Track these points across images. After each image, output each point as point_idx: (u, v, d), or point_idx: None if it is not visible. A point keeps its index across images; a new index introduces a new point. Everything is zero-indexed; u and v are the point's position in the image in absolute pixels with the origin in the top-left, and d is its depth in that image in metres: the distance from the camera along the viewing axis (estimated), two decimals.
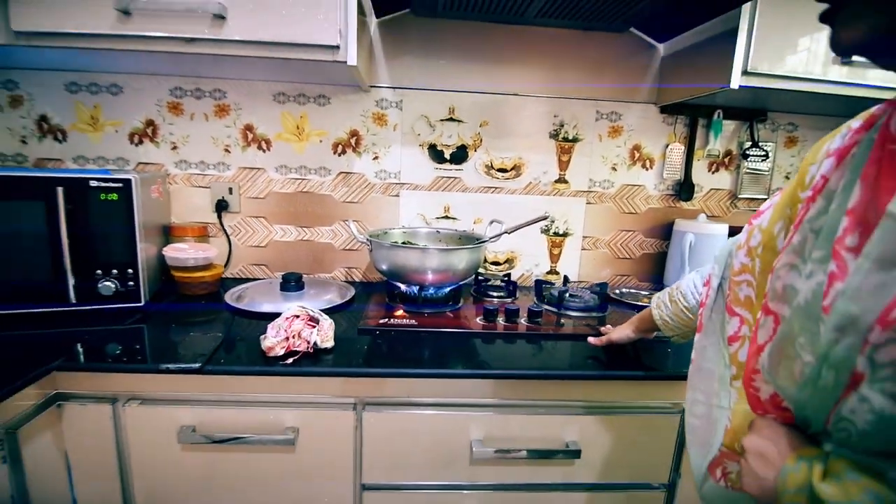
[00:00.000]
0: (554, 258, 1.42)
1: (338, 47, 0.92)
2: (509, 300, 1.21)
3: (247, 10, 0.90)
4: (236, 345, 0.88)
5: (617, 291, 1.33)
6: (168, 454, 0.83)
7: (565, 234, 1.40)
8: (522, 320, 1.06)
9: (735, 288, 0.53)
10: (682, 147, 1.35)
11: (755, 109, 1.34)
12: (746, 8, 0.98)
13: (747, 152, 1.34)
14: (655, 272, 1.43)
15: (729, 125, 1.36)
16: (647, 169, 1.37)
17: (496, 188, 1.36)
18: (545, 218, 1.10)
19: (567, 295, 1.18)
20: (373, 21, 1.21)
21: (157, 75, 1.21)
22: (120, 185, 0.92)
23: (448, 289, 1.15)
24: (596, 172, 1.37)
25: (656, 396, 0.89)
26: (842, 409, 0.33)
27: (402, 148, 1.30)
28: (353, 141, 1.28)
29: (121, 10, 0.88)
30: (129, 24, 0.90)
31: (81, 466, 0.83)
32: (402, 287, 1.13)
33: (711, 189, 1.40)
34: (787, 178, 1.41)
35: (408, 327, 0.99)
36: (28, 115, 1.23)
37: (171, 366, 0.76)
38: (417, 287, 1.11)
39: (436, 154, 1.31)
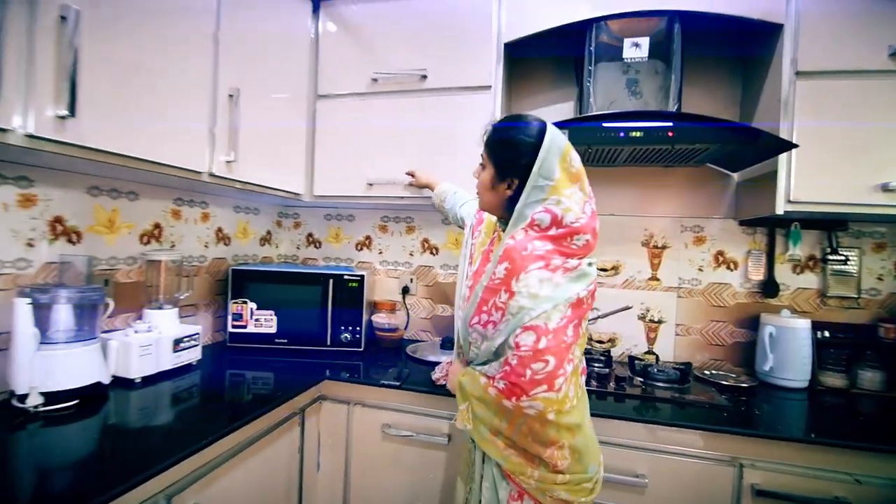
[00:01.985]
0: (650, 341, 1.73)
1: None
2: (606, 370, 1.57)
3: None
4: (416, 376, 1.42)
5: (706, 372, 1.58)
6: (373, 441, 1.37)
7: (660, 322, 1.72)
8: (611, 384, 1.42)
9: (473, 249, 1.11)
10: (763, 252, 1.61)
11: (835, 220, 1.55)
12: (785, 154, 1.32)
13: (827, 258, 1.55)
14: (748, 359, 1.63)
15: (811, 232, 1.59)
16: (731, 270, 1.66)
17: (599, 283, 1.77)
18: (628, 308, 1.49)
19: (654, 369, 1.50)
20: None
21: (376, 209, 1.96)
22: (359, 277, 1.60)
23: None
24: (684, 272, 1.70)
25: (713, 448, 1.16)
26: (473, 349, 0.90)
27: None
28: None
29: (369, 183, 1.61)
30: (371, 190, 1.62)
31: (326, 442, 1.42)
32: None
33: (798, 288, 1.61)
34: (879, 279, 1.55)
35: None
36: (302, 233, 2.07)
37: (383, 381, 1.33)
38: None
39: None
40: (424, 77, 1.55)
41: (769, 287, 1.61)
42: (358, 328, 1.61)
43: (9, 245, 1.07)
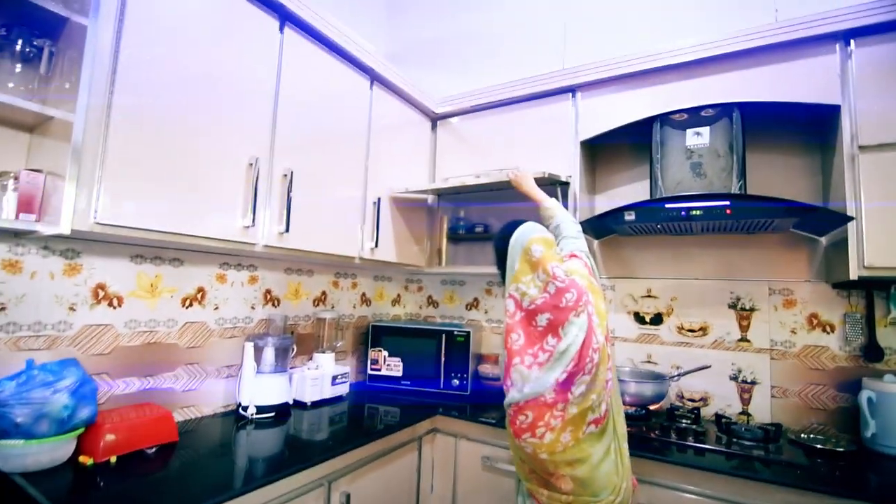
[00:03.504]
0: (745, 402, 1.76)
1: None
2: (693, 426, 1.66)
3: None
4: None
5: (802, 435, 1.57)
6: (475, 470, 1.67)
7: (753, 383, 1.75)
8: (691, 438, 1.53)
9: None
10: (861, 315, 1.60)
11: None
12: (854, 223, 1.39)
13: None
14: (854, 425, 1.57)
15: None
16: (828, 333, 1.66)
17: (688, 343, 1.88)
18: (707, 367, 1.61)
19: (741, 428, 1.56)
20: (595, 242, 2.07)
21: (481, 276, 2.35)
22: (465, 333, 1.98)
23: (640, 408, 1.72)
24: (776, 334, 1.73)
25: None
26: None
27: (615, 314, 2.02)
28: None
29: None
30: (446, 182, 2.01)
31: (438, 467, 1.75)
32: None
33: None
34: None
35: None
36: (423, 296, 2.54)
37: (482, 419, 1.64)
38: None
39: (639, 318, 1.97)
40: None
41: (872, 351, 1.58)
42: (465, 375, 1.96)
43: (242, 308, 1.67)
